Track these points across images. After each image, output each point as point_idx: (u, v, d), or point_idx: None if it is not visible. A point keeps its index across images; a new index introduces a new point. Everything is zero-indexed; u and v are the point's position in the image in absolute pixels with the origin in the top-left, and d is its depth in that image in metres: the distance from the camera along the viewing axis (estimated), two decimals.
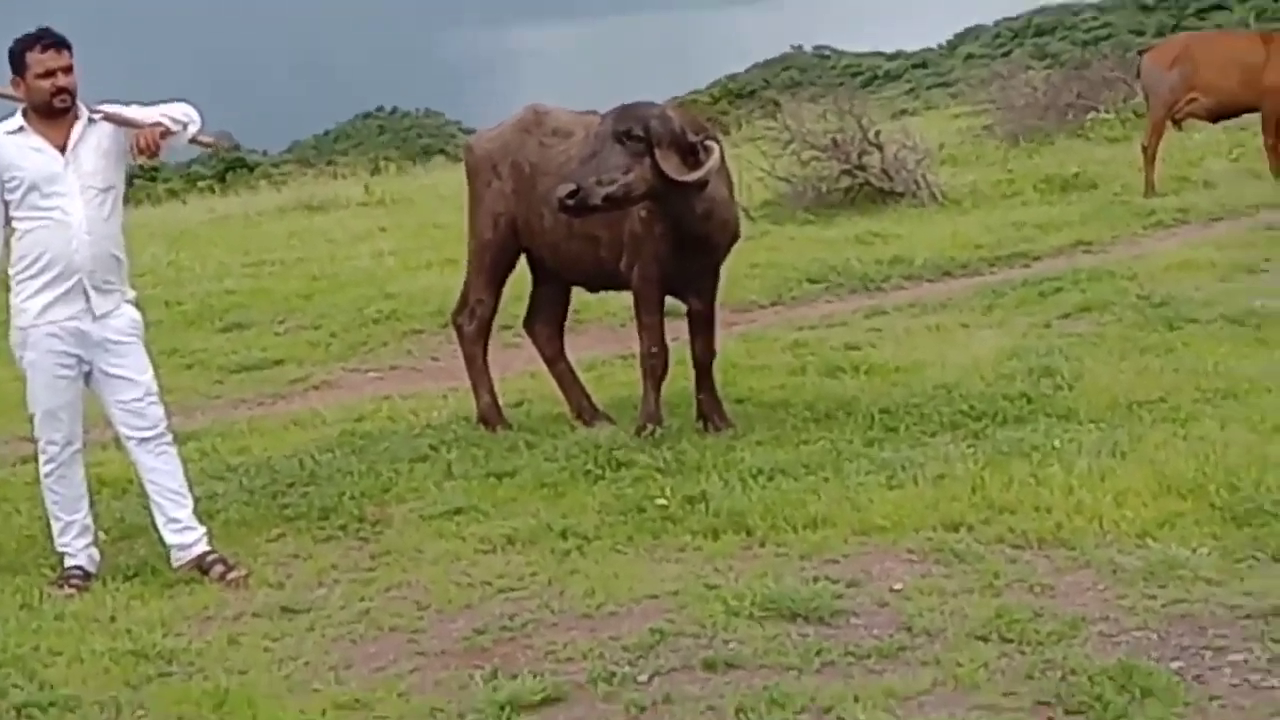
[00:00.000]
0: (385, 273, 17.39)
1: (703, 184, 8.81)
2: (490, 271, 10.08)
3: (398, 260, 18.24)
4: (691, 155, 8.74)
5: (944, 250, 15.68)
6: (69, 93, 7.42)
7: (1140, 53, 19.57)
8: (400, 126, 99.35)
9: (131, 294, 7.71)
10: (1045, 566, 6.72)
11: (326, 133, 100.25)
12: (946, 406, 9.36)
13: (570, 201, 8.45)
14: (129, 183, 8.03)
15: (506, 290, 10.37)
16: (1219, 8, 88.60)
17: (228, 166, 62.87)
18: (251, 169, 61.17)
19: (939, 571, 6.75)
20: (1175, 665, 5.66)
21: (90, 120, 7.54)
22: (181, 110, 7.69)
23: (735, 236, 9.44)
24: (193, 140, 7.77)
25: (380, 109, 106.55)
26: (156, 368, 7.86)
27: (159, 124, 7.54)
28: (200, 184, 51.52)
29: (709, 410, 9.46)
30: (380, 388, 12.18)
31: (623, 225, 9.22)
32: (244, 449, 10.20)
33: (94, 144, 7.50)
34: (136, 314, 7.67)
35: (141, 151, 7.55)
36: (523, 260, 10.18)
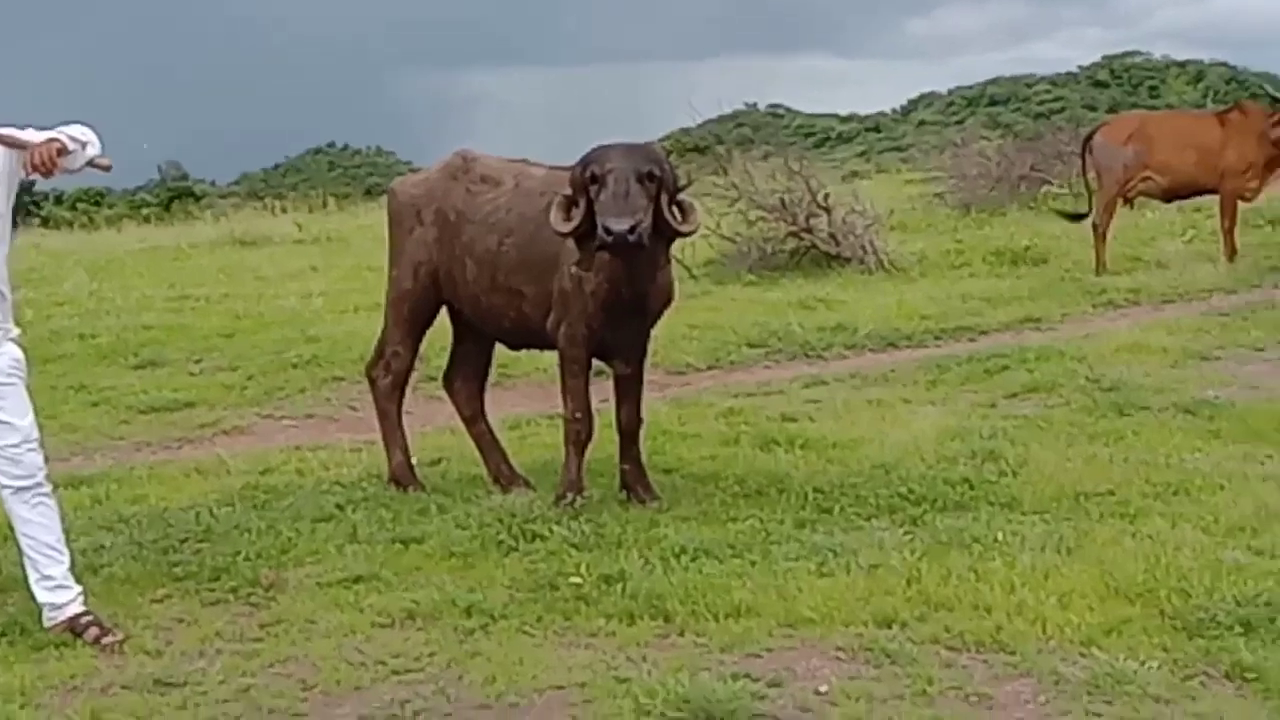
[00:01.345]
0: (311, 314, 16.99)
1: (671, 239, 8.60)
2: (408, 323, 9.66)
3: (325, 302, 17.86)
4: (678, 208, 8.47)
5: (888, 320, 15.37)
6: None
7: (1091, 133, 19.17)
8: (350, 164, 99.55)
9: (15, 331, 7.17)
10: (983, 673, 6.27)
11: (276, 166, 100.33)
12: (884, 488, 8.94)
13: (632, 236, 7.98)
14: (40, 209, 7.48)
15: (427, 342, 9.98)
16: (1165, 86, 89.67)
17: (173, 195, 62.76)
18: (198, 198, 60.97)
19: (868, 673, 6.29)
20: None
21: None
22: (80, 130, 7.18)
23: (670, 301, 9.05)
24: (90, 163, 7.25)
25: (331, 145, 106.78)
26: (61, 404, 7.34)
27: (55, 140, 7.02)
28: (145, 210, 51.41)
29: (633, 481, 9.03)
30: (293, 436, 11.75)
31: (550, 280, 8.85)
32: (140, 497, 9.71)
33: None
34: (19, 353, 7.12)
35: (36, 168, 7.03)
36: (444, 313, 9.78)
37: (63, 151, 7.06)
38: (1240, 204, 17.98)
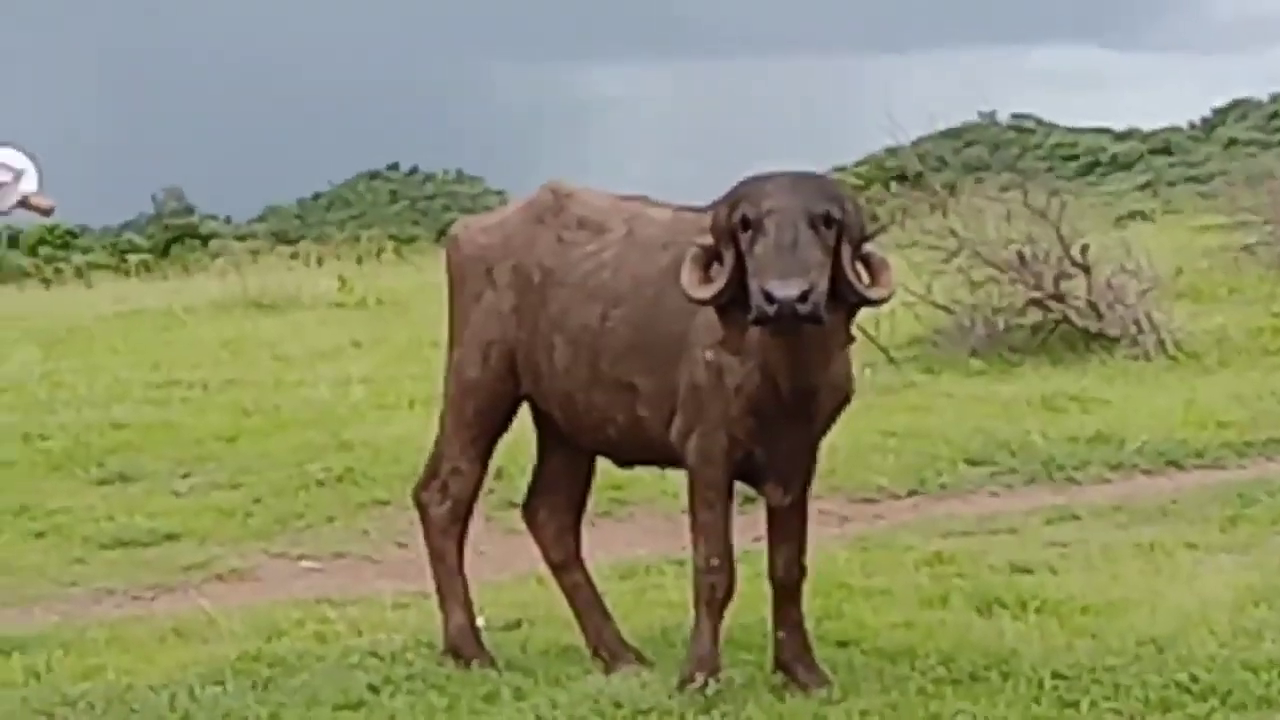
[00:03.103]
0: (347, 410, 17.13)
1: (855, 309, 8.42)
2: (474, 428, 9.62)
3: (369, 393, 18.02)
4: (864, 264, 8.38)
5: (1172, 428, 15.27)
6: None
7: None
8: (419, 194, 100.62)
9: None
10: None
11: (316, 197, 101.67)
12: (1155, 675, 8.76)
13: (802, 306, 7.83)
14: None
15: (502, 454, 9.99)
16: None
17: (172, 237, 63.66)
18: (205, 241, 61.74)
19: None
20: None
21: None
22: (11, 155, 7.22)
23: (847, 400, 8.93)
24: (24, 203, 7.29)
25: (394, 167, 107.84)
26: None
27: None
28: (132, 258, 52.06)
29: (791, 657, 8.94)
30: (314, 585, 11.83)
31: (676, 370, 8.78)
32: (95, 670, 9.72)
33: None
34: None
35: None
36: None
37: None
38: None
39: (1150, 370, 18.40)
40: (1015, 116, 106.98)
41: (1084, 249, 20.23)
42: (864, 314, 8.76)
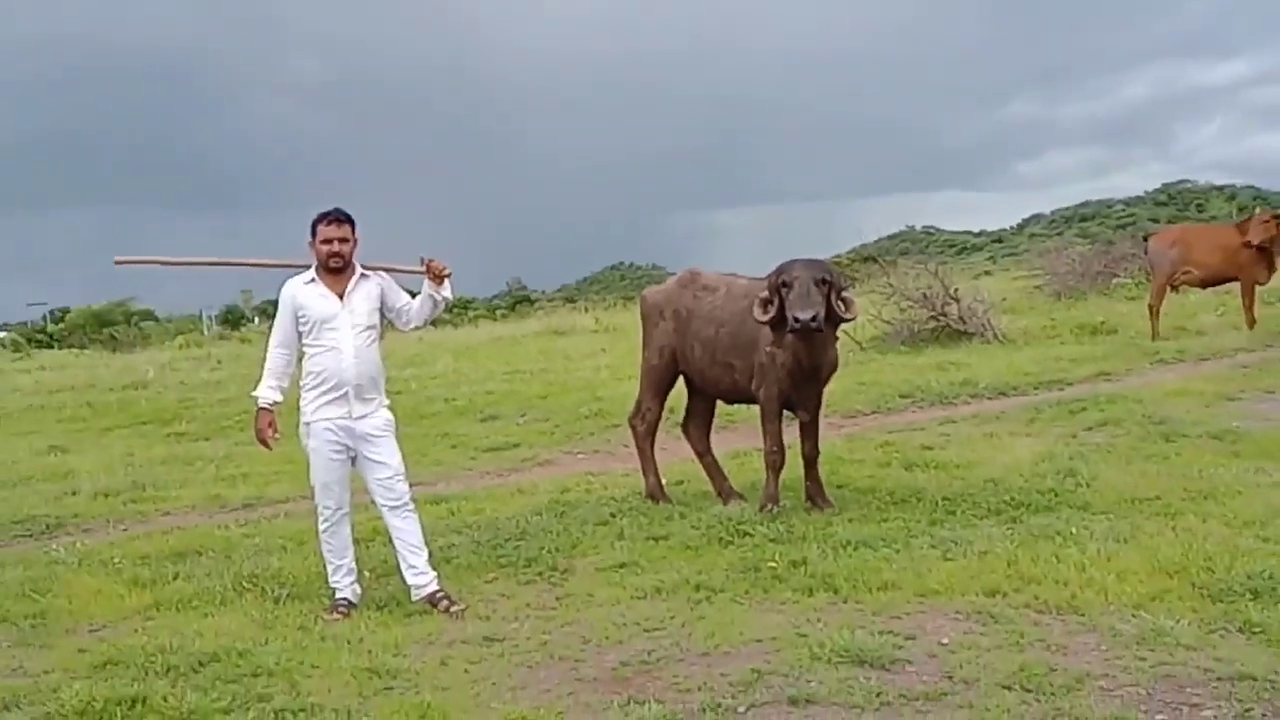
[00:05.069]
0: (599, 382, 17.02)
1: (839, 324, 8.44)
2: (656, 387, 9.63)
3: (609, 373, 17.89)
4: (842, 302, 8.33)
5: (1001, 376, 14.90)
6: (341, 256, 7.11)
7: (1145, 237, 18.82)
8: (635, 276, 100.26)
9: (386, 401, 7.29)
10: (1060, 629, 6.05)
11: (585, 279, 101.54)
12: (993, 497, 8.67)
13: (813, 324, 8.02)
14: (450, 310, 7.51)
15: (670, 400, 9.89)
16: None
17: (516, 301, 63.82)
18: (532, 302, 62.08)
19: (978, 630, 6.11)
20: (1159, 719, 5.00)
21: (362, 275, 7.22)
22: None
23: (836, 369, 8.86)
24: (435, 303, 7.38)
25: (622, 263, 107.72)
26: (431, 447, 7.44)
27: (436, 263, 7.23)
28: (498, 312, 52.48)
29: (814, 494, 8.88)
30: (584, 466, 11.74)
31: (753, 357, 8.75)
32: (479, 510, 9.79)
33: (364, 293, 7.19)
34: (390, 415, 7.25)
35: (435, 272, 7.24)
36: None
37: (446, 275, 7.25)
38: (1257, 286, 17.26)
39: (990, 349, 18.02)
40: (924, 226, 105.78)
41: (955, 290, 19.90)
42: (846, 326, 8.72)
